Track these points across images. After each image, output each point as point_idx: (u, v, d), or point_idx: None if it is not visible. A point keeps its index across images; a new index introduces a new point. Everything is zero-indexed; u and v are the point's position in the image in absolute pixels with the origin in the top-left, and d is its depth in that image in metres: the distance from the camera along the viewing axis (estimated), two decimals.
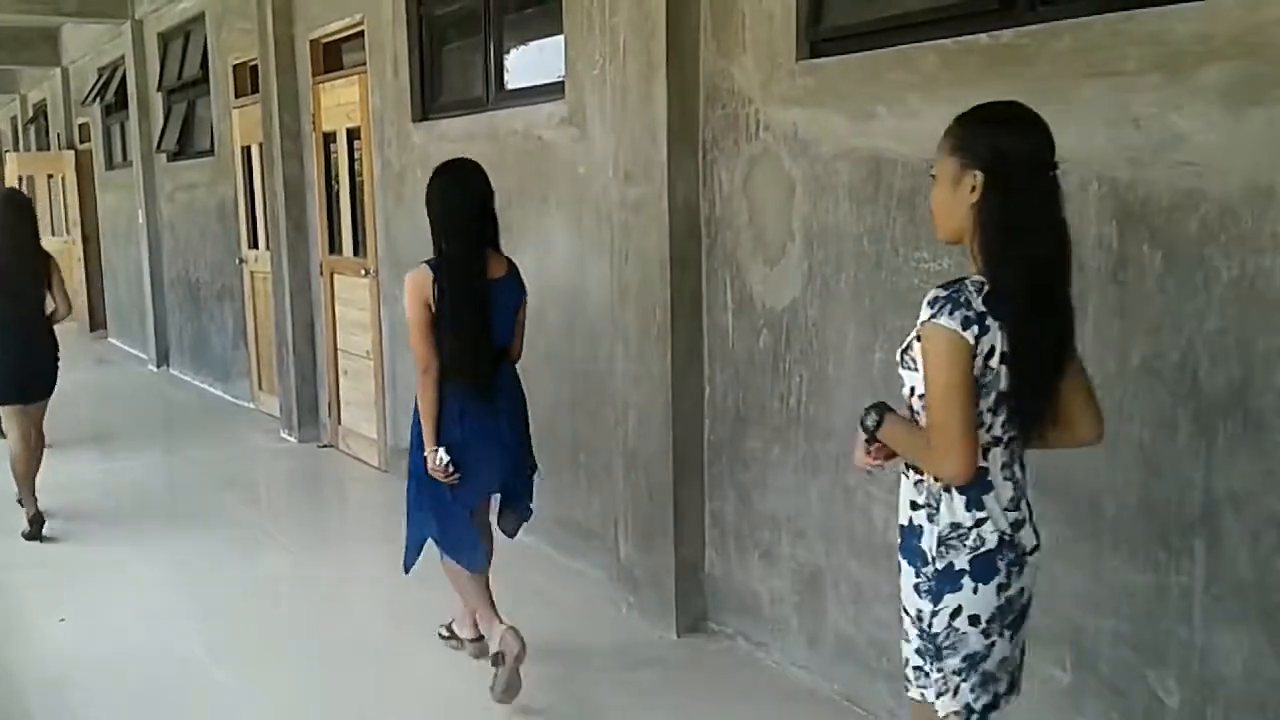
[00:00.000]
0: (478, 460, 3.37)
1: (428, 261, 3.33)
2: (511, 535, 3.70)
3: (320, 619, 4.18)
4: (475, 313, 3.29)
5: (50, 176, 13.43)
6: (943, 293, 1.90)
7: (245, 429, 7.56)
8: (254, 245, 7.82)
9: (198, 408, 8.52)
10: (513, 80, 4.95)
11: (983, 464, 1.95)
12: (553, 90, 4.48)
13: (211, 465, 6.59)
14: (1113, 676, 2.61)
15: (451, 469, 3.30)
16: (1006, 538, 1.97)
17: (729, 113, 3.53)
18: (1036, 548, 2.05)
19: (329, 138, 6.57)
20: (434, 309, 3.26)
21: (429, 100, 5.52)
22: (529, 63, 4.93)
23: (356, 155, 6.27)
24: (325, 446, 6.88)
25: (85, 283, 12.77)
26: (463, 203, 3.32)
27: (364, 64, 5.99)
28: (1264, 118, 2.20)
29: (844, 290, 3.23)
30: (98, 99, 11.37)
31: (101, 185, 12.03)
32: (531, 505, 3.68)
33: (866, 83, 3.06)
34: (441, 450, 3.28)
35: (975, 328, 1.86)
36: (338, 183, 6.59)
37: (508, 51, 4.98)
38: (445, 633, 3.82)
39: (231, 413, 8.16)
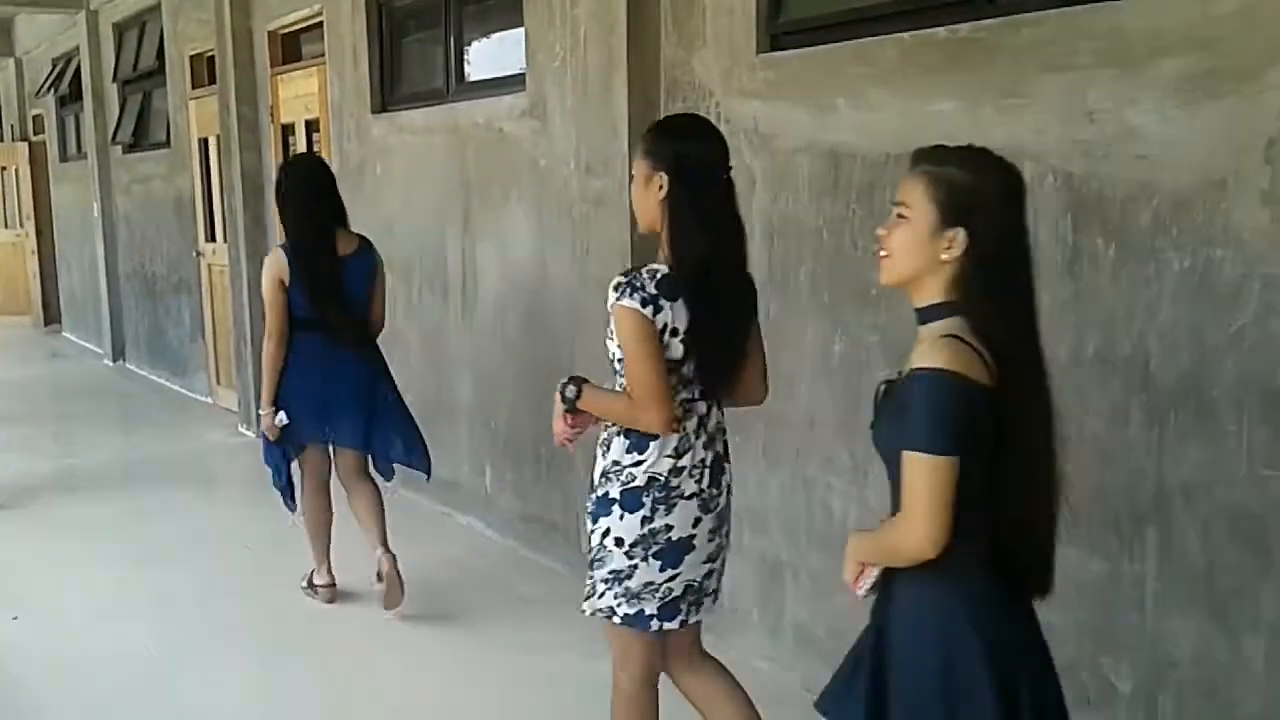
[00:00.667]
0: (320, 408, 3.87)
1: (282, 245, 3.90)
2: (387, 478, 4.13)
3: (277, 615, 4.14)
4: (328, 283, 3.79)
5: (3, 169, 13.20)
6: (623, 279, 2.25)
7: (202, 423, 7.47)
8: (211, 238, 7.73)
9: (154, 402, 8.40)
10: (473, 72, 4.93)
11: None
12: (513, 82, 4.46)
13: (168, 460, 6.51)
14: (1067, 664, 2.62)
15: (282, 424, 3.83)
16: (658, 479, 2.30)
17: (690, 105, 3.53)
18: (711, 496, 2.41)
19: (287, 130, 6.50)
20: (287, 285, 3.77)
21: (388, 92, 5.48)
22: (490, 54, 4.91)
23: (315, 147, 6.21)
24: None
25: (39, 276, 12.57)
26: (308, 190, 3.82)
27: (323, 55, 5.94)
28: (1216, 111, 2.24)
29: (804, 283, 3.24)
30: (52, 90, 11.19)
31: (56, 178, 11.84)
32: (415, 455, 4.03)
33: (826, 76, 3.07)
34: (282, 413, 3.83)
35: (651, 307, 2.21)
36: None
37: (468, 43, 4.96)
38: (304, 584, 4.20)
39: (189, 407, 8.06)
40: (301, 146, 6.36)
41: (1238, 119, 2.19)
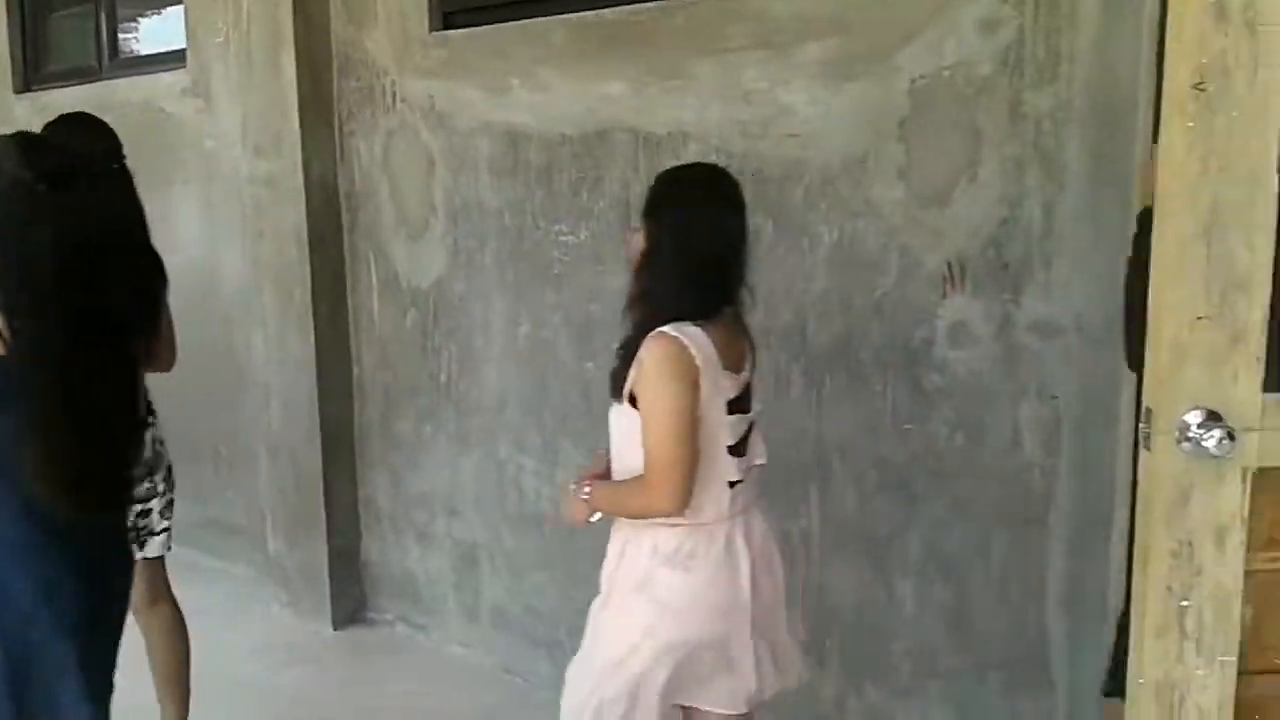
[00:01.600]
0: None
1: None
2: None
3: None
4: None
5: None
6: None
7: None
8: None
9: None
10: (130, 47, 4.55)
11: None
12: (174, 59, 4.15)
13: None
14: None
15: None
16: None
17: (364, 84, 3.42)
18: None
19: None
20: None
21: (32, 69, 4.95)
22: (148, 29, 4.55)
23: None
24: None
25: None
26: None
27: None
28: (857, 92, 2.40)
29: (489, 265, 3.22)
30: None
31: None
32: None
33: (498, 56, 3.06)
34: None
35: None
36: None
37: (124, 16, 4.56)
38: None
39: None
40: None
41: (874, 99, 2.36)
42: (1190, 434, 1.62)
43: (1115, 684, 2.08)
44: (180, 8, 4.06)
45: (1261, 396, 1.61)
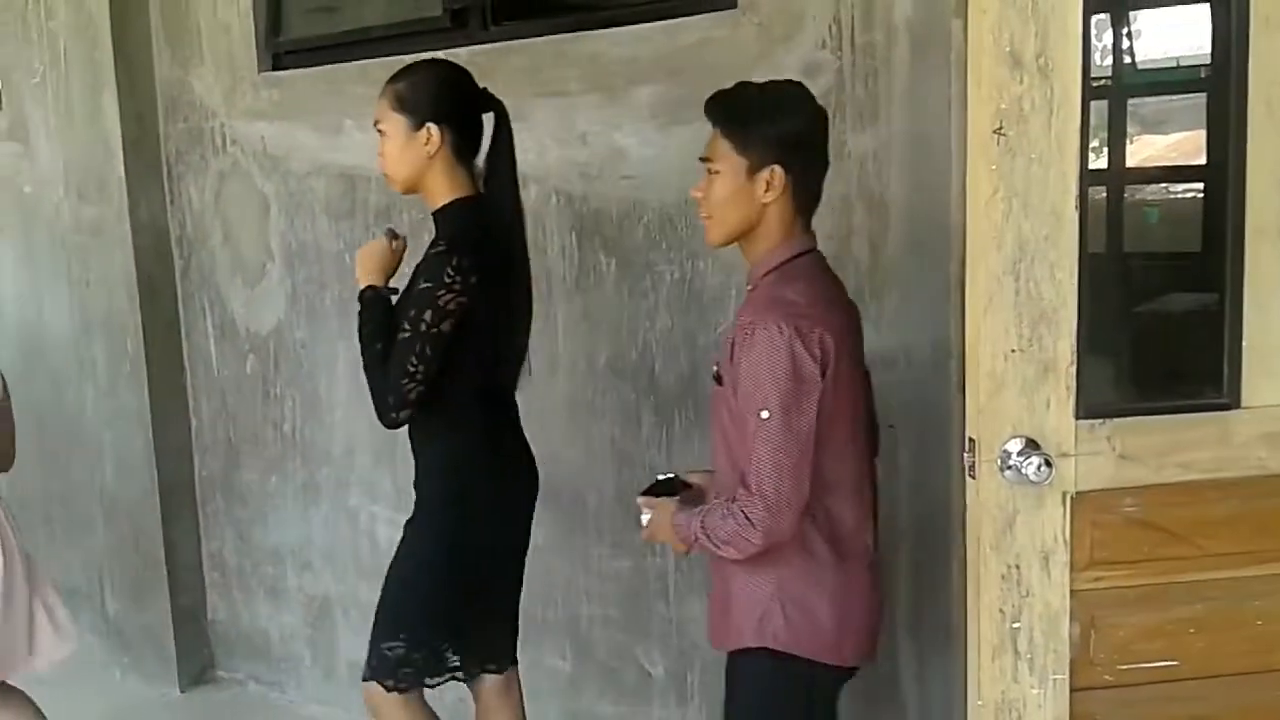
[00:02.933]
0: None
1: None
2: None
3: None
4: None
5: None
6: None
7: None
8: None
9: None
10: None
11: None
12: None
13: None
14: (606, 658, 2.77)
15: None
16: None
17: (192, 126, 3.31)
18: None
19: None
20: None
21: None
22: None
23: None
24: None
25: None
26: None
27: None
28: (687, 134, 2.42)
29: (330, 309, 3.14)
30: None
31: None
32: None
33: (331, 96, 3.00)
34: None
35: None
36: None
37: None
38: None
39: None
40: None
41: (705, 141, 2.39)
42: (1011, 462, 1.68)
43: (370, 670, 2.21)
44: None
45: (1075, 423, 1.68)
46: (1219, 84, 1.81)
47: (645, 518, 1.93)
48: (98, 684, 3.64)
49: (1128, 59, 2.67)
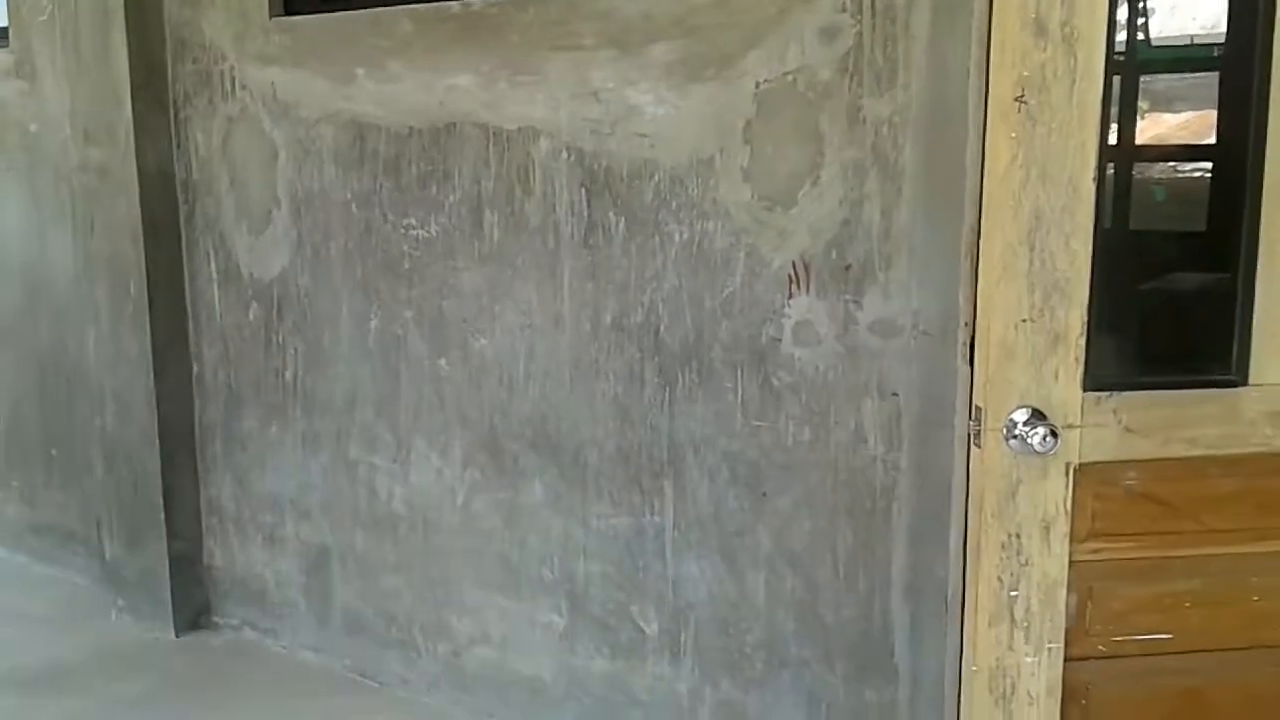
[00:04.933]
0: None
1: None
2: None
3: None
4: None
5: None
6: None
7: None
8: None
9: None
10: None
11: None
12: None
13: None
14: (602, 614, 2.79)
15: None
16: None
17: (201, 69, 3.28)
18: None
19: None
20: None
21: None
22: None
23: None
24: None
25: None
26: None
27: None
28: (703, 94, 2.42)
29: (335, 258, 3.13)
30: None
31: None
32: None
33: (344, 45, 2.97)
34: None
35: None
36: None
37: None
38: None
39: None
40: None
41: (720, 102, 2.38)
42: (1017, 432, 1.69)
43: None
44: None
45: (1082, 395, 1.69)
46: (1235, 61, 1.80)
47: None
48: (93, 626, 3.66)
49: (1140, 35, 2.65)
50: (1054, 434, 1.66)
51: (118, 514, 3.63)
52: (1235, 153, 1.76)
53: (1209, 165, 2.64)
